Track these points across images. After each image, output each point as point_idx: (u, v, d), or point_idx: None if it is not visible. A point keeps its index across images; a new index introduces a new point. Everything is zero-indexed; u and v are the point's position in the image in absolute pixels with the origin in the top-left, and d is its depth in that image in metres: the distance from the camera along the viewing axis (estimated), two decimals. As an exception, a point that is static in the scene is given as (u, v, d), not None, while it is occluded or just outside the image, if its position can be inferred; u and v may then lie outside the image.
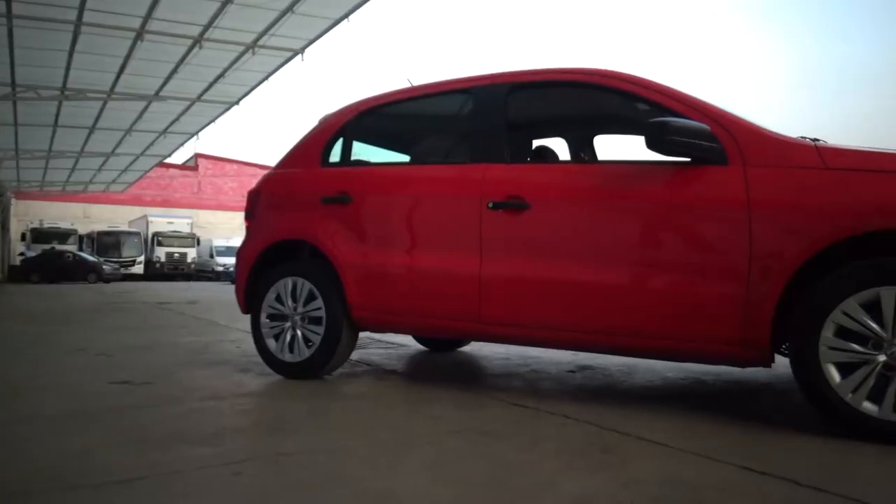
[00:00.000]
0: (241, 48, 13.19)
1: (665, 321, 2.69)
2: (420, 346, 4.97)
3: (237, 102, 17.00)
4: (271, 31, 12.43)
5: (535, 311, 2.98)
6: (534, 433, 2.46)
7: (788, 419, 2.71)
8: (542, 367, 4.06)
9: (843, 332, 2.34)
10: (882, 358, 2.27)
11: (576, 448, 2.26)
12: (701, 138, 2.61)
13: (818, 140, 2.69)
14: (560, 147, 4.01)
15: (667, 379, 3.65)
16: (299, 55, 13.71)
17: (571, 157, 4.13)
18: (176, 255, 31.45)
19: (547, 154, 3.72)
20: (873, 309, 2.29)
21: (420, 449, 2.26)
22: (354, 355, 4.33)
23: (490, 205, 3.07)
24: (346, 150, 3.78)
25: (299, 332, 3.58)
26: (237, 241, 24.04)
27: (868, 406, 2.29)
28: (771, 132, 2.66)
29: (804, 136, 2.73)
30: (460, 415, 2.76)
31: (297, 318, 3.60)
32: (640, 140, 2.77)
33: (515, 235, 3.04)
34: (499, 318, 3.08)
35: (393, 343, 5.23)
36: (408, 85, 3.80)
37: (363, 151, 3.90)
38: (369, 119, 3.84)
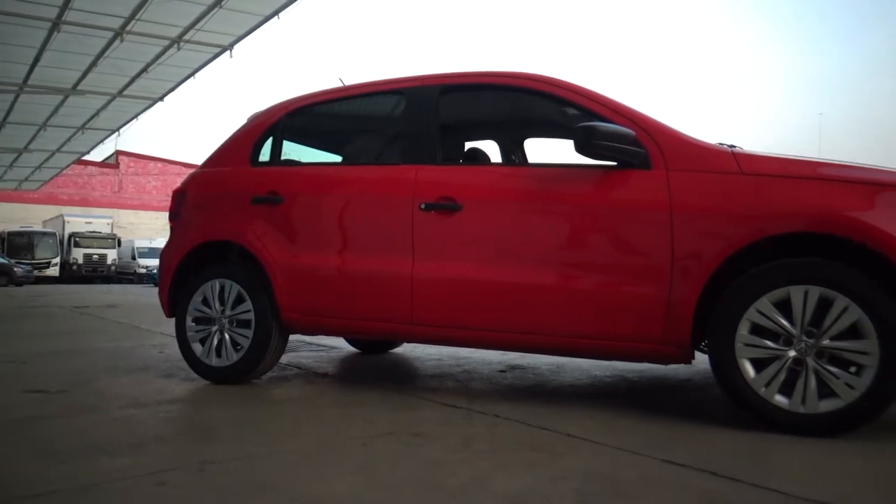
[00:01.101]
0: (166, 42, 12.76)
1: (592, 321, 2.77)
2: (352, 349, 4.93)
3: (161, 99, 16.43)
4: (198, 26, 12.07)
5: (467, 312, 3.01)
6: (465, 433, 2.48)
7: (707, 413, 2.83)
8: (474, 367, 4.09)
9: (757, 330, 2.47)
10: (792, 353, 2.41)
11: (506, 446, 2.29)
12: (626, 143, 2.69)
13: (734, 146, 2.83)
14: (491, 149, 4.06)
15: (594, 377, 3.75)
16: (228, 51, 13.38)
17: (502, 159, 4.19)
18: (95, 256, 30.03)
19: (478, 156, 3.76)
20: (784, 307, 2.43)
21: (351, 452, 2.24)
22: (284, 358, 4.25)
23: (422, 206, 3.08)
24: (277, 150, 3.71)
25: (227, 336, 3.49)
26: (161, 242, 23.20)
27: (779, 399, 2.42)
28: (691, 138, 2.77)
29: (721, 142, 2.86)
30: (392, 416, 2.75)
31: (225, 321, 3.50)
32: (569, 144, 2.84)
33: (447, 237, 3.06)
34: (431, 319, 3.09)
35: (324, 345, 5.16)
36: (340, 84, 3.77)
37: (294, 151, 3.84)
38: (300, 118, 3.78)
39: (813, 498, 1.76)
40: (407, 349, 4.95)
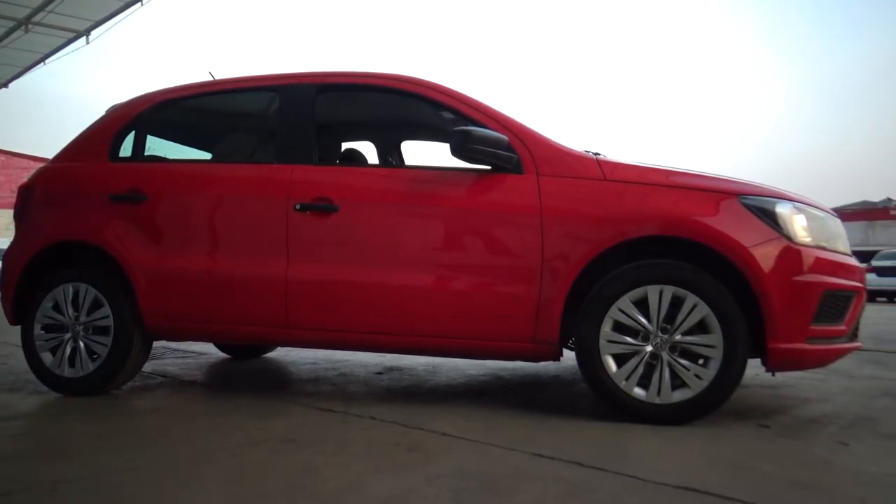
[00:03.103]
0: (12, 24, 11.65)
1: (467, 321, 2.83)
2: (222, 354, 4.74)
3: (5, 85, 14.99)
4: (50, 8, 11.13)
5: (344, 315, 2.98)
6: (341, 437, 2.45)
7: (575, 407, 2.98)
8: (351, 369, 4.06)
9: (619, 327, 2.63)
10: (649, 348, 2.60)
11: (383, 449, 2.29)
12: (500, 148, 2.78)
13: (598, 154, 3.00)
14: (368, 150, 4.05)
15: (469, 376, 3.84)
16: (84, 37, 12.42)
17: (380, 160, 4.19)
18: (-77, 258, 26.82)
19: (355, 157, 3.73)
20: (643, 305, 2.61)
21: (220, 463, 2.15)
22: (148, 366, 4.01)
23: (297, 206, 3.02)
24: (139, 144, 3.49)
25: (82, 344, 3.24)
26: (4, 242, 21.12)
27: (638, 391, 2.60)
28: (560, 145, 2.91)
29: (587, 149, 3.02)
30: (265, 423, 2.67)
31: (80, 328, 3.25)
32: (445, 147, 2.89)
33: (323, 238, 3.01)
34: (306, 322, 3.03)
35: (192, 352, 4.92)
36: (210, 78, 3.61)
37: (159, 147, 3.63)
38: (167, 112, 3.59)
39: (665, 482, 1.90)
40: (281, 353, 4.83)
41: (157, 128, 3.61)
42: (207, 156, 4.02)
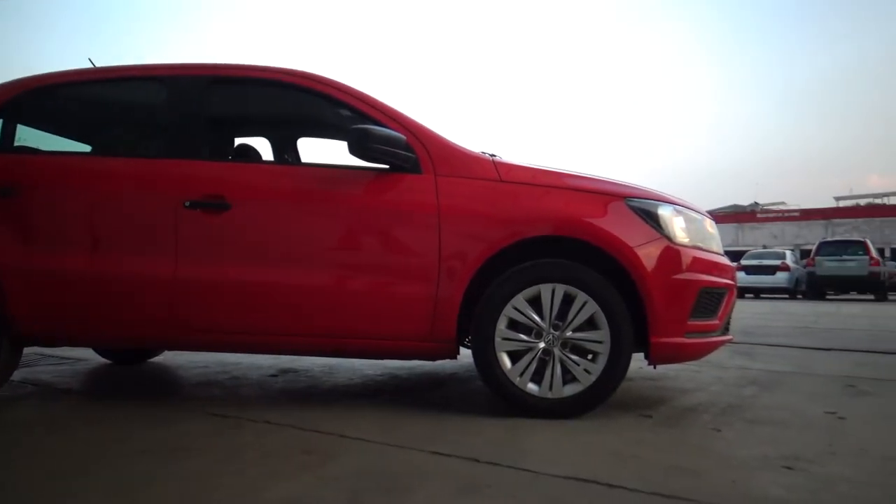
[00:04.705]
0: None
1: (364, 321, 2.82)
2: (101, 359, 4.45)
3: None
4: None
5: (236, 316, 2.88)
6: (234, 443, 2.37)
7: (471, 404, 3.03)
8: (243, 372, 3.93)
9: (513, 324, 2.71)
10: (542, 345, 2.69)
11: (278, 453, 2.24)
12: (398, 147, 2.78)
13: (495, 155, 3.06)
14: (263, 147, 3.93)
15: (366, 376, 3.81)
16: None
17: (275, 157, 4.09)
18: None
19: (249, 153, 3.62)
20: (536, 303, 2.70)
21: (99, 476, 2.02)
22: (17, 375, 3.70)
23: (186, 203, 2.89)
24: (9, 134, 3.22)
25: (-61, 352, 2.95)
26: None
27: (532, 387, 2.68)
28: (457, 145, 2.95)
29: (484, 151, 3.08)
30: (150, 432, 2.54)
31: (-64, 334, 2.96)
32: (343, 145, 2.86)
33: (215, 236, 2.90)
34: (196, 324, 2.91)
35: (68, 358, 4.59)
36: (90, 66, 3.39)
37: (32, 138, 3.36)
38: (41, 100, 3.33)
39: (556, 473, 1.98)
40: (168, 357, 4.60)
41: (29, 117, 3.35)
42: (87, 149, 3.77)
